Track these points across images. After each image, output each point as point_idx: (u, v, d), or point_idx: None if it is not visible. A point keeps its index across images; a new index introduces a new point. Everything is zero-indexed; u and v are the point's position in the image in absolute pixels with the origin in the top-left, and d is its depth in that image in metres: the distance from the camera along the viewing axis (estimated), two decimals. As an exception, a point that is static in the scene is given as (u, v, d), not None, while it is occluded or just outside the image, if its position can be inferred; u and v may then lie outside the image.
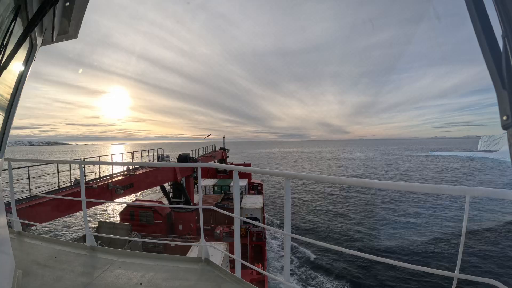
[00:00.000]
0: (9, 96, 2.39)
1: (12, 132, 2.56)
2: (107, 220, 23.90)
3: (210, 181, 32.27)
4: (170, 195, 21.28)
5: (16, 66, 2.31)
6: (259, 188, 33.64)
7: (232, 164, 32.06)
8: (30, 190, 10.22)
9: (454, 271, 1.66)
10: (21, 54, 2.31)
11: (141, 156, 19.81)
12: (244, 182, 31.37)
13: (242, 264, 3.02)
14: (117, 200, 13.99)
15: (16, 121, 2.56)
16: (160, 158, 21.01)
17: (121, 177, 14.05)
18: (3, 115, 2.40)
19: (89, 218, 3.96)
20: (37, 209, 9.08)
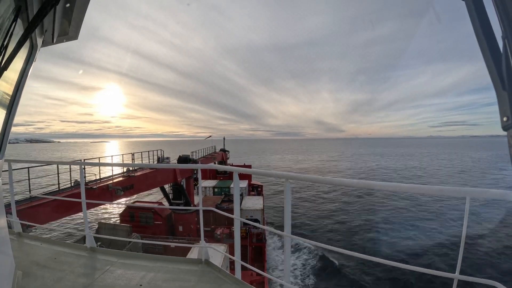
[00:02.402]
0: (9, 97, 2.40)
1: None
2: (107, 221, 23.88)
3: (210, 183, 32.24)
4: (170, 196, 21.27)
5: (16, 67, 2.31)
6: (259, 189, 33.60)
7: (232, 165, 32.00)
8: (30, 191, 10.22)
9: (454, 272, 1.65)
10: (22, 55, 2.31)
11: (141, 158, 19.82)
12: (244, 184, 31.33)
13: (242, 265, 3.01)
14: (117, 201, 13.99)
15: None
16: (160, 160, 21.02)
17: (121, 178, 14.06)
18: (4, 116, 2.40)
19: (89, 219, 3.96)
20: (37, 210, 9.08)
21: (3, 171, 2.85)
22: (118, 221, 22.80)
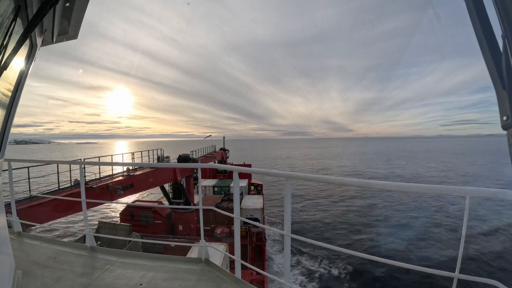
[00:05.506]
0: (9, 97, 2.39)
1: (15, 130, 2.54)
2: (107, 221, 23.90)
3: (210, 182, 32.25)
4: (170, 195, 21.28)
5: (16, 66, 2.31)
6: (259, 188, 33.63)
7: (232, 164, 32.08)
8: (30, 190, 10.22)
9: (454, 272, 1.66)
10: (21, 54, 2.31)
11: (141, 157, 19.81)
12: (244, 183, 31.36)
13: (242, 264, 3.02)
14: (117, 200, 13.99)
15: (17, 119, 2.56)
16: (160, 159, 21.01)
17: (121, 178, 14.05)
18: (3, 115, 2.39)
19: (89, 219, 3.97)
20: (37, 209, 9.07)
21: (3, 170, 2.85)
22: (118, 220, 22.82)
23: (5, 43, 1.76)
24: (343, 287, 18.62)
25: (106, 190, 12.52)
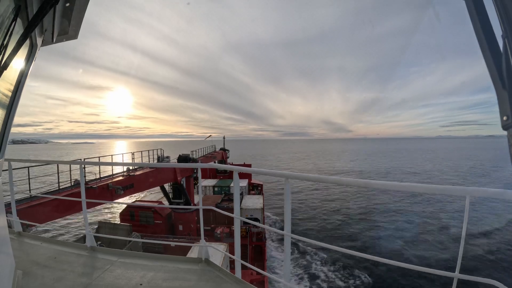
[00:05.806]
0: (9, 97, 2.39)
1: (15, 130, 2.54)
2: (107, 221, 23.91)
3: (210, 182, 32.27)
4: (170, 195, 21.29)
5: (16, 66, 2.31)
6: (259, 188, 33.64)
7: (232, 164, 32.03)
8: (30, 190, 10.23)
9: (454, 272, 1.66)
10: (21, 54, 2.31)
11: (141, 157, 19.82)
12: (244, 183, 31.37)
13: (242, 264, 3.02)
14: (117, 200, 13.99)
15: (17, 119, 2.56)
16: (160, 159, 21.02)
17: (121, 178, 14.06)
18: (3, 116, 2.39)
19: (89, 219, 3.96)
20: (37, 209, 9.08)
21: (3, 170, 2.85)
22: (118, 220, 22.82)
23: (5, 43, 1.76)
24: (343, 286, 18.62)
25: (106, 190, 12.53)
